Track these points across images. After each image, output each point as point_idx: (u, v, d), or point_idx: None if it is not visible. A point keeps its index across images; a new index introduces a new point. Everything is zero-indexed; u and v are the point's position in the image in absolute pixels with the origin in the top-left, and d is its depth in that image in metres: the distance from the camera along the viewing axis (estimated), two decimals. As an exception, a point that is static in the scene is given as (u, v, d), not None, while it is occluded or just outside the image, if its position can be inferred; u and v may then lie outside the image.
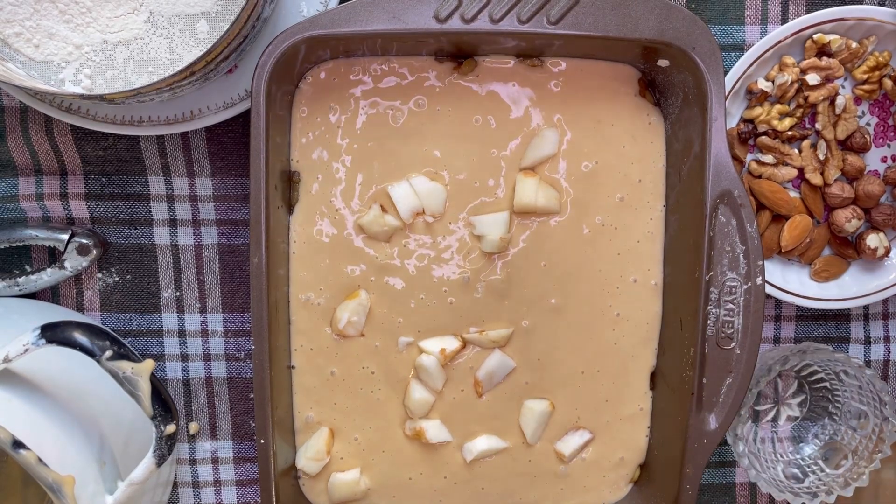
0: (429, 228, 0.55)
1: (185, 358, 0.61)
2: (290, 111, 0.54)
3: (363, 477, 0.57)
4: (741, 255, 0.51)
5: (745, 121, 0.59)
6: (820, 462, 0.63)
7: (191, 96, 0.55)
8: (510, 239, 0.55)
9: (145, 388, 0.48)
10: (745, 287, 0.51)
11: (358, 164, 0.54)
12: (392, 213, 0.54)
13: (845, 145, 0.60)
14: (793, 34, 0.57)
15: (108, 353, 0.47)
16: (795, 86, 0.58)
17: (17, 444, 0.44)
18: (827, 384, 0.63)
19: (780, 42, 0.57)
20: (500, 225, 0.54)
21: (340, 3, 0.55)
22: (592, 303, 0.56)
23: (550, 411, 0.56)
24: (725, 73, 0.56)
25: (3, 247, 0.57)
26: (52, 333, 0.47)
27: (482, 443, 0.57)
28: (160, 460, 0.49)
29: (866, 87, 0.59)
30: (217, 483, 0.63)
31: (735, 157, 0.58)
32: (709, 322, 0.51)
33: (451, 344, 0.55)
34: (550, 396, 0.57)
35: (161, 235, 0.60)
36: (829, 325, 0.63)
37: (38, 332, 0.47)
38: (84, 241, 0.57)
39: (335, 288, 0.55)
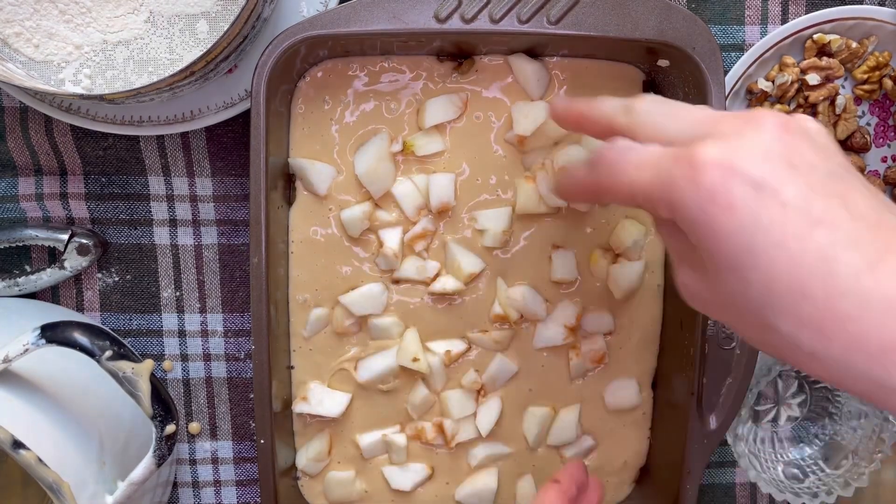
0: (428, 224, 0.55)
1: (185, 358, 0.61)
2: (290, 109, 0.54)
3: (359, 479, 0.57)
4: (741, 255, 0.51)
5: (745, 121, 0.59)
6: (820, 462, 0.63)
7: (191, 96, 0.55)
8: (511, 233, 0.55)
9: (145, 388, 0.48)
10: (746, 287, 0.51)
11: (352, 160, 0.54)
12: (388, 210, 0.54)
13: (845, 145, 0.60)
14: (793, 34, 0.57)
15: (108, 353, 0.47)
16: (795, 86, 0.58)
17: (17, 444, 0.44)
18: (827, 384, 0.63)
19: (780, 42, 0.57)
20: (502, 219, 0.54)
21: (340, 3, 0.55)
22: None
23: (553, 417, 0.56)
24: (725, 73, 0.56)
25: (3, 247, 0.57)
26: (52, 333, 0.47)
27: (486, 448, 0.57)
28: (160, 460, 0.49)
29: (866, 87, 0.59)
30: (217, 483, 0.62)
31: (735, 157, 0.58)
32: (709, 322, 0.51)
33: (457, 346, 0.55)
34: (553, 402, 0.57)
35: (161, 235, 0.60)
36: (830, 325, 0.63)
37: (38, 332, 0.47)
38: (84, 241, 0.57)
39: (331, 288, 0.55)
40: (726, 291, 0.33)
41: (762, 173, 0.32)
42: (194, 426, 0.62)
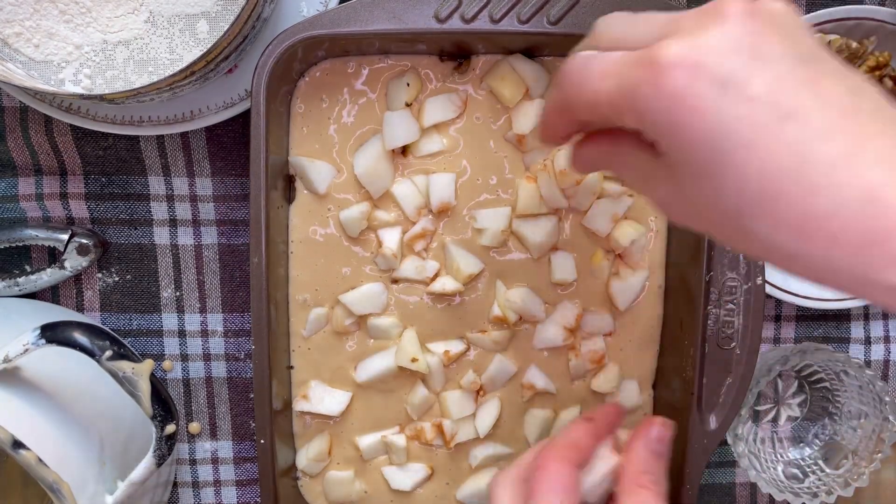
0: (428, 224, 0.55)
1: (185, 358, 0.61)
2: (289, 109, 0.54)
3: (359, 480, 0.57)
4: (741, 255, 0.51)
5: (745, 121, 0.59)
6: (820, 462, 0.63)
7: (191, 96, 0.55)
8: (510, 234, 0.55)
9: (145, 388, 0.48)
10: (746, 287, 0.51)
11: (351, 160, 0.54)
12: (387, 210, 0.54)
13: (845, 145, 0.60)
14: (793, 34, 0.57)
15: (108, 353, 0.47)
16: (795, 86, 0.58)
17: (17, 444, 0.44)
18: (827, 384, 0.63)
19: (780, 42, 0.57)
20: (501, 219, 0.54)
21: (340, 2, 0.55)
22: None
23: (553, 418, 0.56)
24: (725, 73, 0.56)
25: (3, 247, 0.57)
26: (52, 333, 0.47)
27: (486, 449, 0.57)
28: (160, 460, 0.49)
29: (866, 87, 0.59)
30: (217, 483, 0.62)
31: (735, 157, 0.58)
32: (709, 322, 0.51)
33: (456, 346, 0.55)
34: (553, 403, 0.57)
35: (161, 235, 0.60)
36: (830, 325, 0.63)
37: (38, 332, 0.47)
38: (84, 241, 0.57)
39: (331, 288, 0.55)
40: (701, 200, 0.32)
41: (727, 69, 0.30)
42: (194, 426, 0.62)
